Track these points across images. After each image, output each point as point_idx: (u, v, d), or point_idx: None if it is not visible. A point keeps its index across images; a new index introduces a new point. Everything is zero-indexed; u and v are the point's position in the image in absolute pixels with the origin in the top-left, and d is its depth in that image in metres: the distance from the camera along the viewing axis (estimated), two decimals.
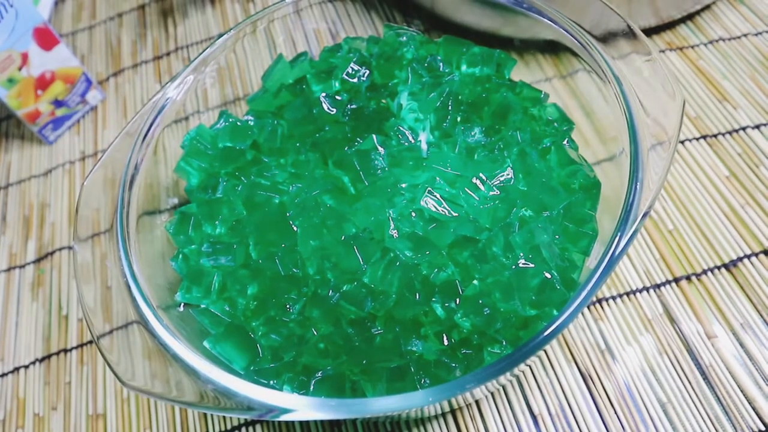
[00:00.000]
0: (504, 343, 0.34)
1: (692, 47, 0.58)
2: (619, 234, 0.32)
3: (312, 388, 0.34)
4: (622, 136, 0.37)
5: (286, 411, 0.30)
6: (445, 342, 0.35)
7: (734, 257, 0.46)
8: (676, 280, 0.45)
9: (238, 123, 0.46)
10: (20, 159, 0.63)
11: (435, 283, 0.35)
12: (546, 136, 0.43)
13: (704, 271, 0.45)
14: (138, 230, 0.40)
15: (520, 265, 0.35)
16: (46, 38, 0.57)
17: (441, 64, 0.45)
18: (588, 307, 0.45)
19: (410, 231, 0.37)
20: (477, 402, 0.42)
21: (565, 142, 0.43)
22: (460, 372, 0.34)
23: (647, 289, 0.45)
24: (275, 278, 0.38)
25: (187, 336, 0.35)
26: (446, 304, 0.34)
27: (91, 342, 0.49)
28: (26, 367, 0.49)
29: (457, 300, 0.34)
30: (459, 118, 0.43)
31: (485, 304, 0.34)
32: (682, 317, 0.44)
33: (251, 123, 0.46)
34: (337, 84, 0.47)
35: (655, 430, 0.40)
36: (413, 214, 0.38)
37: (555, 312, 0.34)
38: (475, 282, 0.35)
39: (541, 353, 0.43)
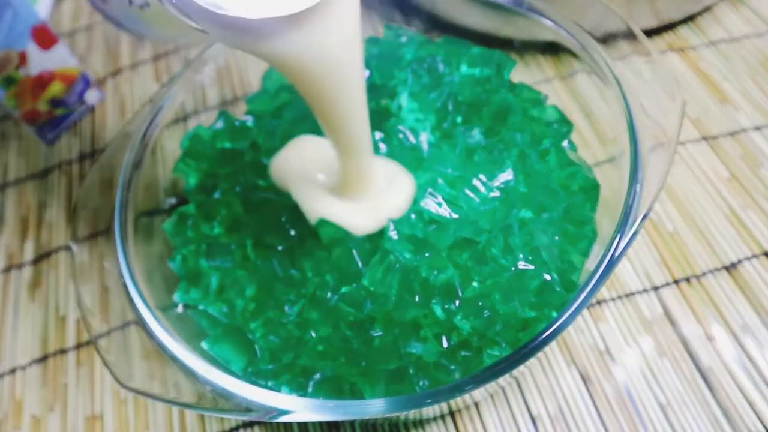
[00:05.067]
0: (503, 345, 0.34)
1: (693, 48, 0.58)
2: (618, 235, 0.32)
3: (310, 389, 0.34)
4: (622, 138, 0.37)
5: (284, 412, 0.29)
6: (445, 344, 0.35)
7: (734, 259, 0.46)
8: (676, 282, 0.45)
9: (237, 123, 0.46)
10: (18, 159, 0.63)
11: (435, 285, 0.35)
12: (546, 137, 0.43)
13: (704, 273, 0.45)
14: (136, 231, 0.39)
15: (520, 266, 0.35)
16: (44, 38, 0.57)
17: (441, 64, 0.45)
18: (587, 309, 0.45)
19: (410, 233, 0.37)
20: (476, 404, 0.42)
21: (564, 143, 0.43)
22: (459, 374, 0.33)
23: (647, 291, 0.45)
24: (273, 279, 0.38)
25: (185, 337, 0.34)
26: (446, 306, 0.34)
27: (88, 343, 0.49)
28: (23, 367, 0.49)
29: (457, 302, 0.34)
30: (459, 119, 0.43)
31: (485, 306, 0.34)
32: (681, 319, 0.44)
33: (250, 123, 0.46)
34: None
35: None
36: (413, 216, 0.37)
37: (554, 314, 0.34)
38: (474, 284, 0.35)
39: (541, 355, 0.43)
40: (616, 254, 0.31)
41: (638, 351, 0.43)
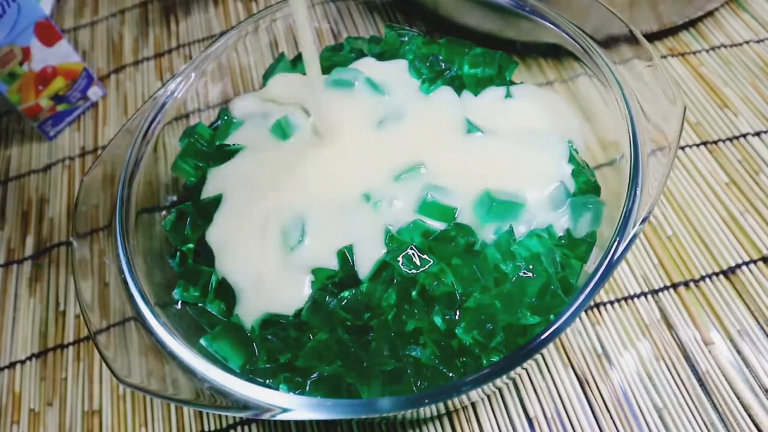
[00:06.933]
0: (503, 351, 0.34)
1: (694, 53, 0.58)
2: (617, 239, 0.32)
3: (308, 388, 0.34)
4: (623, 141, 0.37)
5: (282, 411, 0.30)
6: (444, 350, 0.35)
7: (732, 264, 0.46)
8: (674, 286, 0.45)
9: (235, 120, 0.46)
10: (20, 154, 0.63)
11: (434, 295, 0.34)
12: None
13: (702, 278, 0.45)
14: (137, 227, 0.39)
15: (521, 275, 0.34)
16: (47, 34, 0.57)
17: (443, 64, 0.45)
18: (585, 312, 0.45)
19: (410, 242, 0.36)
20: (473, 404, 0.42)
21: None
22: (457, 378, 0.33)
23: (645, 295, 0.45)
24: None
25: (184, 334, 0.35)
26: (446, 317, 0.34)
27: (88, 338, 0.49)
28: (22, 362, 0.49)
29: (458, 312, 0.34)
30: None
31: (487, 319, 0.33)
32: (679, 323, 0.44)
33: None
34: None
35: None
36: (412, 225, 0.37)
37: (552, 317, 0.34)
38: (476, 294, 0.35)
39: (538, 357, 0.43)
40: (615, 257, 0.31)
41: (635, 354, 0.43)
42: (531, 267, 0.35)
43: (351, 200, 0.38)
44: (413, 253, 0.35)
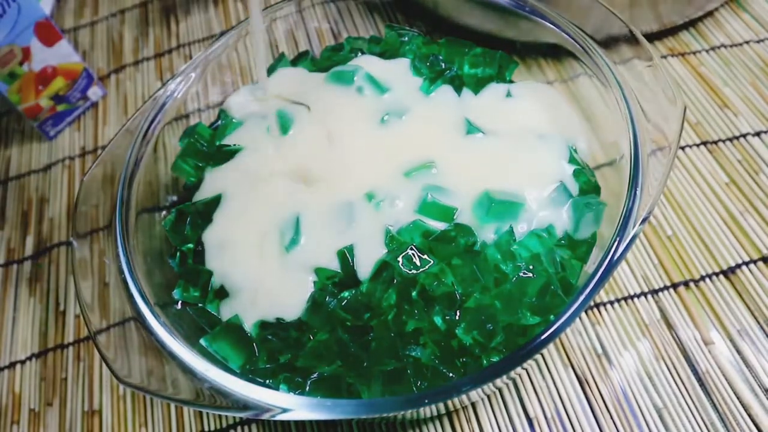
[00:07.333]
0: (503, 351, 0.34)
1: (694, 53, 0.58)
2: (617, 239, 0.32)
3: (308, 388, 0.34)
4: (623, 141, 0.37)
5: (282, 411, 0.30)
6: (445, 350, 0.35)
7: (732, 264, 0.46)
8: (674, 286, 0.45)
9: (236, 121, 0.46)
10: (20, 154, 0.63)
11: (434, 295, 0.34)
12: None
13: (702, 278, 0.45)
14: (137, 227, 0.39)
15: (521, 275, 0.34)
16: (47, 34, 0.57)
17: (443, 64, 0.46)
18: (585, 312, 0.45)
19: (410, 242, 0.36)
20: (473, 404, 0.42)
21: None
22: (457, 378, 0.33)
23: (645, 295, 0.45)
24: None
25: (184, 334, 0.35)
26: (447, 317, 0.34)
27: (88, 338, 0.49)
28: (22, 362, 0.49)
29: (458, 312, 0.34)
30: None
31: (487, 320, 0.33)
32: (679, 323, 0.44)
33: None
34: None
35: None
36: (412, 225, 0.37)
37: (552, 317, 0.34)
38: (476, 294, 0.35)
39: (538, 357, 0.43)
40: (615, 258, 0.31)
41: (635, 354, 0.43)
42: (531, 267, 0.35)
43: (352, 199, 0.38)
44: (413, 254, 0.35)
